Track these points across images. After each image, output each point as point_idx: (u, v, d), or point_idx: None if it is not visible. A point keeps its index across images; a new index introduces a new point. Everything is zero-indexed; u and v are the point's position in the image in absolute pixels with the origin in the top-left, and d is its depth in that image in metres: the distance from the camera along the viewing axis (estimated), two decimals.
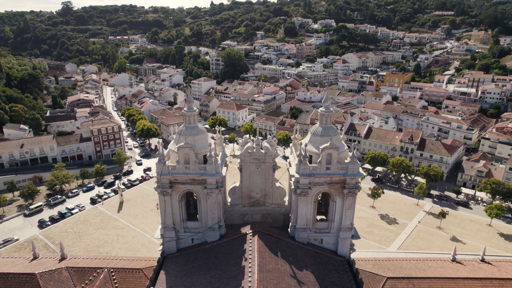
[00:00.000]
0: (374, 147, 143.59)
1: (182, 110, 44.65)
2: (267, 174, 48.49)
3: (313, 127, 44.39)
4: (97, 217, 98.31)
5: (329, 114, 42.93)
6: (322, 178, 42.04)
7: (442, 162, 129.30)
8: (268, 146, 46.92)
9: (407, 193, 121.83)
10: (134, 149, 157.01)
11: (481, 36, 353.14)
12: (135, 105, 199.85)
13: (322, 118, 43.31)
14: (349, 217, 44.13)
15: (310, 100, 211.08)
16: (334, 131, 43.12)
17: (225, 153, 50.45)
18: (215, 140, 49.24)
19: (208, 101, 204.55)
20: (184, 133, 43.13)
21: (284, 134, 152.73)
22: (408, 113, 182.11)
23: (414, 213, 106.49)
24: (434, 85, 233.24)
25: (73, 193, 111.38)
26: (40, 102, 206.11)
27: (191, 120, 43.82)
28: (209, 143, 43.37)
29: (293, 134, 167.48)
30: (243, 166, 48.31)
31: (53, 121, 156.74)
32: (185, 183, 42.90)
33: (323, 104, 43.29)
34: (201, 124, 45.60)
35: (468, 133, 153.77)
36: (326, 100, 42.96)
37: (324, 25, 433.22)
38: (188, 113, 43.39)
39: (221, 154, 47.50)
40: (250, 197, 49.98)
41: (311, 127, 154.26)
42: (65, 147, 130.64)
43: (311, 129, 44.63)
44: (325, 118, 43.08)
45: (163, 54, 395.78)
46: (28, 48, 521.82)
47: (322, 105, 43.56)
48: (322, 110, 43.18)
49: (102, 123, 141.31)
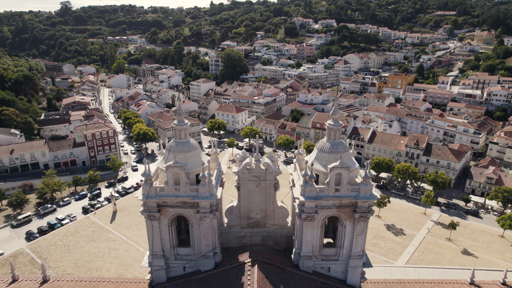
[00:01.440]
0: (378, 152, 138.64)
1: (172, 123, 39.75)
2: (268, 193, 43.56)
3: (320, 143, 39.43)
4: (88, 228, 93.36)
5: (338, 128, 37.99)
6: (331, 201, 37.09)
7: (449, 168, 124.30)
8: (269, 162, 41.99)
9: (413, 201, 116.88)
10: (130, 154, 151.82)
11: (484, 36, 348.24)
12: (132, 108, 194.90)
13: (330, 132, 38.39)
14: (360, 244, 39.20)
15: (312, 102, 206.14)
16: (343, 147, 38.19)
17: (221, 169, 45.41)
18: (210, 156, 44.31)
19: (207, 103, 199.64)
20: (174, 149, 38.24)
21: (285, 138, 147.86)
22: (412, 116, 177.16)
23: (421, 223, 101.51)
24: (438, 86, 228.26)
25: (64, 201, 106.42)
26: (35, 104, 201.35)
27: (182, 134, 38.91)
28: (202, 162, 38.34)
29: (294, 138, 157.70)
30: (241, 184, 43.32)
31: (46, 124, 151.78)
32: (175, 207, 37.98)
33: (332, 116, 38.35)
34: (193, 140, 40.58)
35: (475, 137, 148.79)
36: (335, 113, 37.99)
37: (325, 25, 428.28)
38: (179, 127, 38.51)
39: (216, 172, 42.49)
40: (249, 218, 45.09)
41: (312, 131, 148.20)
42: (57, 152, 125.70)
43: (317, 144, 39.71)
44: (333, 133, 38.14)
45: (162, 55, 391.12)
46: (26, 48, 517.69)
47: (331, 117, 38.61)
48: (330, 124, 38.26)
49: (97, 127, 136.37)
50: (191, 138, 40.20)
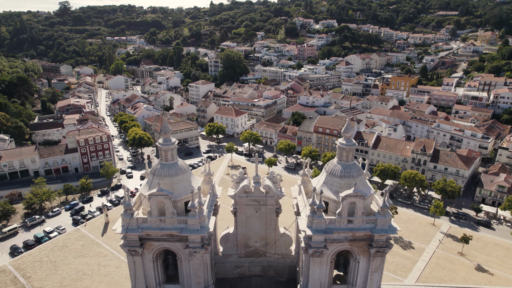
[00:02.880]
0: (383, 158, 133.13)
1: (157, 142, 34.33)
2: (269, 219, 38.23)
3: (330, 165, 34.02)
4: (78, 241, 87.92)
5: (350, 148, 32.61)
6: (342, 234, 31.76)
7: (458, 176, 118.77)
8: (269, 185, 36.62)
9: (421, 210, 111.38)
10: (126, 160, 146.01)
11: (488, 37, 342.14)
12: (128, 111, 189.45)
13: (341, 153, 33.01)
14: (376, 282, 33.86)
15: (313, 104, 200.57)
16: (357, 171, 32.80)
17: (216, 192, 39.95)
18: (202, 178, 38.93)
19: (206, 106, 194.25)
20: (159, 173, 32.85)
21: (286, 143, 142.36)
22: (417, 120, 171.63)
23: (430, 235, 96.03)
24: (443, 88, 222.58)
25: (54, 212, 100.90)
26: (29, 107, 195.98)
27: (169, 155, 33.49)
28: (191, 189, 32.94)
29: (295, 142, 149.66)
30: (238, 209, 37.94)
31: (38, 129, 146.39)
32: (160, 240, 32.65)
33: (344, 134, 32.95)
34: (181, 161, 35.12)
35: (483, 142, 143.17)
36: (347, 130, 32.60)
37: (326, 26, 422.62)
38: (164, 146, 33.08)
39: (209, 197, 37.07)
40: (247, 246, 39.74)
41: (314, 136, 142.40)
42: (48, 159, 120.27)
43: (326, 166, 34.31)
44: (345, 154, 32.75)
45: (161, 56, 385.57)
46: (24, 49, 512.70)
47: (342, 135, 33.20)
48: (341, 143, 32.87)
49: (90, 132, 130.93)
50: (179, 159, 34.80)
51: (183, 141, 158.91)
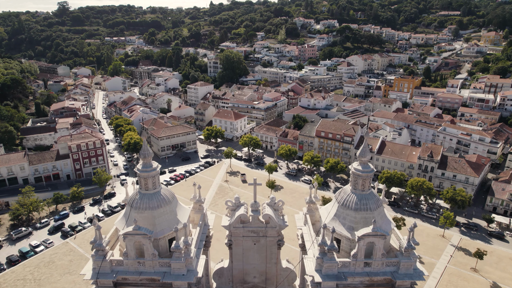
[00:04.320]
0: (388, 164, 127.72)
1: (136, 168, 29.03)
2: (269, 252, 32.93)
3: (342, 194, 28.69)
4: (65, 256, 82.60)
5: (367, 176, 27.31)
6: (357, 279, 26.51)
7: (467, 183, 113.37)
8: (270, 213, 31.33)
9: (429, 220, 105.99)
10: (122, 166, 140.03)
11: (491, 37, 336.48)
12: (124, 114, 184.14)
13: (357, 180, 27.72)
14: None
15: (314, 107, 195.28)
16: (375, 202, 27.50)
17: (207, 223, 34.62)
18: (192, 205, 33.58)
19: (204, 108, 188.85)
20: (138, 205, 27.54)
21: (287, 148, 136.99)
22: (422, 123, 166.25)
23: (441, 248, 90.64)
24: (447, 90, 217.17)
25: (42, 223, 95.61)
26: (22, 110, 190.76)
27: (149, 184, 28.17)
28: (175, 228, 27.53)
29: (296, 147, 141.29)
30: (234, 241, 32.63)
31: (30, 133, 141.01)
32: (139, 286, 27.42)
33: (359, 159, 27.66)
34: (165, 189, 29.75)
35: (492, 146, 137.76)
36: (364, 154, 27.29)
37: (327, 26, 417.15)
38: (144, 173, 27.78)
39: (198, 231, 31.67)
40: (244, 282, 34.44)
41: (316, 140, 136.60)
42: (38, 166, 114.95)
43: (337, 195, 29.00)
44: (361, 181, 27.46)
45: (160, 56, 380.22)
46: (22, 49, 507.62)
47: (357, 160, 27.91)
48: (357, 169, 27.55)
49: (83, 137, 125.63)
50: (163, 187, 29.47)
51: (181, 146, 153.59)
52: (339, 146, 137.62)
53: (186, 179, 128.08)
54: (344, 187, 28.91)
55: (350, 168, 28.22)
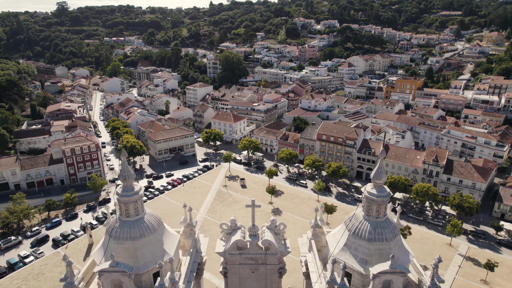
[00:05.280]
0: (392, 168, 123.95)
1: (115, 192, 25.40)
2: (270, 281, 29.27)
3: (353, 221, 25.04)
4: (56, 268, 78.91)
5: (383, 201, 23.69)
6: None
7: (474, 189, 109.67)
8: (271, 239, 27.69)
9: (435, 227, 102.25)
10: (118, 170, 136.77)
11: (494, 37, 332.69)
12: (121, 116, 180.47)
13: (370, 206, 24.10)
14: None
15: (315, 109, 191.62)
16: (392, 230, 23.87)
17: (199, 248, 30.89)
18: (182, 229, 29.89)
19: (203, 110, 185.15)
20: (117, 234, 23.91)
21: (288, 152, 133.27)
22: (425, 125, 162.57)
23: (448, 258, 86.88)
24: (450, 91, 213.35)
25: (33, 231, 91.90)
26: (18, 112, 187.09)
27: (131, 210, 24.53)
28: (163, 252, 23.96)
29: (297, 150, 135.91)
30: (229, 269, 28.96)
31: (23, 136, 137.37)
32: None
33: (374, 181, 24.03)
34: (150, 213, 26.08)
35: (498, 150, 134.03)
36: (380, 175, 23.67)
37: (328, 26, 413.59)
38: (124, 198, 24.16)
39: (189, 261, 27.93)
40: None
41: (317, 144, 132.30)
42: (30, 171, 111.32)
43: (347, 221, 25.35)
44: (376, 207, 23.84)
45: (159, 57, 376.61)
46: (21, 50, 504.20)
47: (372, 182, 24.24)
48: (371, 193, 23.90)
49: (77, 141, 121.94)
50: (148, 211, 25.83)
51: (178, 149, 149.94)
52: (341, 150, 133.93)
53: (184, 184, 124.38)
54: (355, 212, 25.26)
55: (363, 191, 24.59)
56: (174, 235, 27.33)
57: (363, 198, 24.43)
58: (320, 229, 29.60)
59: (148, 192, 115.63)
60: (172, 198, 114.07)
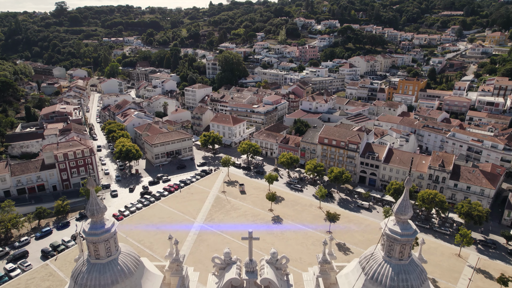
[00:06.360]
0: (396, 173, 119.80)
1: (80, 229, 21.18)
2: None
3: (370, 261, 20.84)
4: (44, 282, 74.69)
5: (408, 241, 19.52)
6: None
7: (482, 196, 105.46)
8: (271, 277, 23.51)
9: (442, 236, 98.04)
10: (114, 176, 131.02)
11: (496, 38, 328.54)
12: (118, 118, 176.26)
13: (392, 246, 19.98)
14: None
15: (316, 110, 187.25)
16: (419, 275, 19.85)
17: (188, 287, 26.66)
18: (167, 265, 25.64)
19: (201, 113, 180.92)
20: (84, 281, 19.88)
21: (288, 156, 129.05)
22: (429, 128, 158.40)
23: (457, 270, 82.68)
24: (454, 93, 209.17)
25: (21, 242, 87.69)
26: (12, 114, 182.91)
27: (101, 251, 20.43)
28: None
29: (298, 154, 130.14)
30: None
31: (15, 140, 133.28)
32: None
33: (398, 216, 19.89)
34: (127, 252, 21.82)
35: (506, 154, 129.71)
36: (405, 210, 19.42)
37: (328, 26, 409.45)
38: (93, 237, 20.06)
39: None
40: None
41: (319, 147, 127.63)
42: (21, 176, 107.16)
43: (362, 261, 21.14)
44: (399, 248, 19.66)
45: (158, 57, 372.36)
46: (19, 50, 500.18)
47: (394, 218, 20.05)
48: (393, 231, 19.73)
49: (70, 145, 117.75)
50: (123, 250, 21.59)
51: (176, 153, 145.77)
52: (344, 154, 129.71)
53: (181, 190, 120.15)
54: (373, 251, 20.97)
55: (382, 226, 20.41)
56: (156, 275, 23.11)
57: (383, 236, 20.23)
58: (329, 265, 25.45)
59: (144, 199, 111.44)
60: (168, 205, 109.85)
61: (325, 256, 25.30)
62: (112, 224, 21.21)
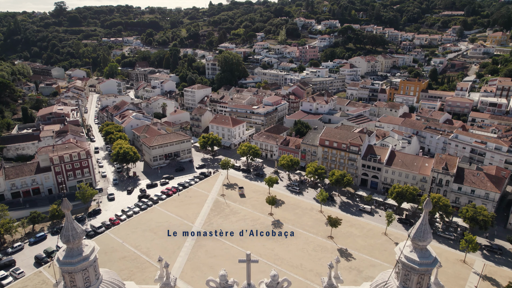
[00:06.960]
0: (398, 176, 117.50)
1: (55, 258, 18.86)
2: None
3: None
4: None
5: (427, 271, 17.28)
6: None
7: (487, 199, 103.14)
8: None
9: (446, 241, 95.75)
10: (112, 179, 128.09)
11: (498, 38, 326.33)
12: (116, 119, 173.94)
13: (409, 276, 17.77)
14: None
15: (317, 111, 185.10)
16: None
17: None
18: None
19: (200, 114, 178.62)
20: None
21: (289, 158, 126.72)
22: (432, 130, 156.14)
23: (463, 278, 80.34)
24: (456, 94, 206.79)
25: (14, 247, 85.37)
26: (9, 115, 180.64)
27: (78, 282, 18.06)
28: None
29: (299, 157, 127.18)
30: None
31: (11, 142, 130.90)
32: None
33: (415, 242, 17.67)
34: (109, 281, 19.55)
35: (510, 156, 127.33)
36: (424, 235, 16.96)
37: (328, 26, 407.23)
38: (69, 267, 17.79)
39: None
40: None
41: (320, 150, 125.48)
42: (15, 180, 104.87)
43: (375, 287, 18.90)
44: (417, 278, 17.40)
45: (157, 57, 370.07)
46: (18, 50, 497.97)
47: (411, 243, 17.75)
48: (410, 259, 17.60)
49: (66, 148, 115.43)
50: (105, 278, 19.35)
51: (174, 155, 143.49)
52: (345, 156, 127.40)
53: (179, 193, 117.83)
54: (386, 280, 18.64)
55: (397, 252, 18.09)
56: None
57: (398, 264, 17.93)
58: None
59: (141, 203, 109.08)
60: (166, 209, 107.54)
61: (330, 280, 23.00)
62: (92, 250, 18.88)
